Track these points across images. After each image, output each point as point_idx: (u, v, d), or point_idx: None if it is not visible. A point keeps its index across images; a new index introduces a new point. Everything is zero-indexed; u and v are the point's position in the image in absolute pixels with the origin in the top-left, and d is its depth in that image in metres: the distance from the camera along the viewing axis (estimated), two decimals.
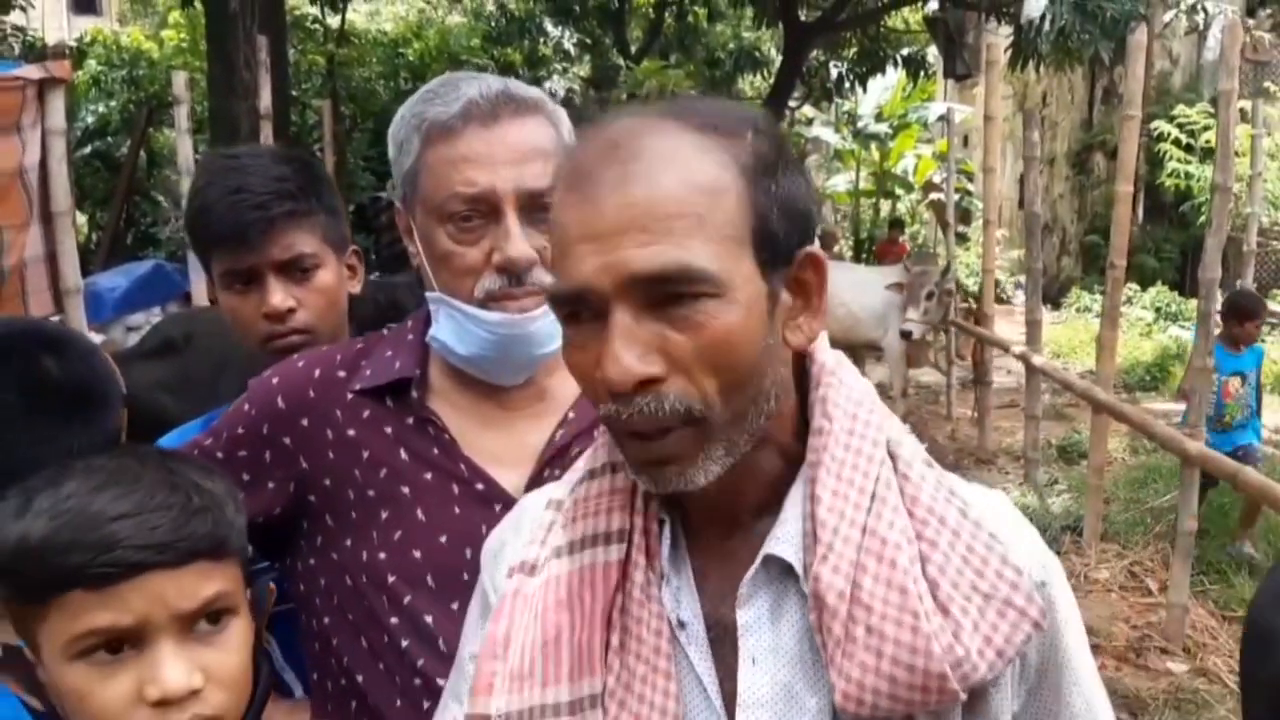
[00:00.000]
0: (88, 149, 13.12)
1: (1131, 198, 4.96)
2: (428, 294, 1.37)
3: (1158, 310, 13.22)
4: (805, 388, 0.94)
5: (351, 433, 1.37)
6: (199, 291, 4.91)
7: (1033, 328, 6.78)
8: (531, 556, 0.99)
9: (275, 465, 1.39)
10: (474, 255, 1.30)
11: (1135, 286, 13.49)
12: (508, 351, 1.33)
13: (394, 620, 1.32)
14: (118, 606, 1.01)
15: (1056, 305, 14.66)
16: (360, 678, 1.35)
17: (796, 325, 0.90)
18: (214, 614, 1.07)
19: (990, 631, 0.85)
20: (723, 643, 0.90)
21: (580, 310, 0.86)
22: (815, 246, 0.90)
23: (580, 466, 1.03)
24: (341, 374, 1.39)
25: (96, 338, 3.63)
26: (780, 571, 0.89)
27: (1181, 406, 6.37)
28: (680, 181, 0.83)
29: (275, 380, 1.41)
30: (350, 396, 1.37)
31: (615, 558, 0.94)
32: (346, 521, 1.36)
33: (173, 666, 1.03)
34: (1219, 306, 5.25)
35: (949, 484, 0.93)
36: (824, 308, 0.92)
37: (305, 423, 1.38)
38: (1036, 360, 6.67)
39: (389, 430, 1.36)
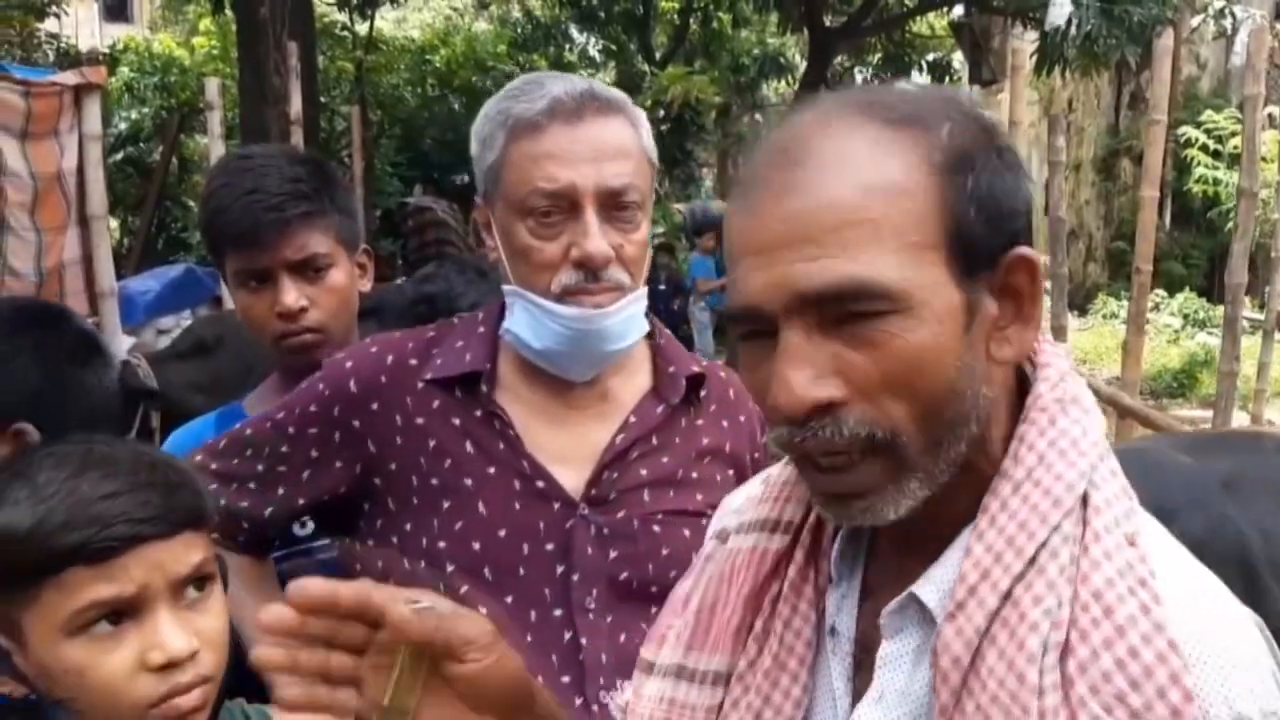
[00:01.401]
0: (120, 155, 13.28)
1: (1157, 203, 4.95)
2: (504, 287, 1.41)
3: (1185, 317, 13.12)
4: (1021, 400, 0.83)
5: (420, 421, 1.40)
6: (229, 295, 4.97)
7: (1058, 334, 6.75)
8: (729, 525, 0.98)
9: (343, 446, 1.43)
10: (552, 250, 1.33)
11: (1163, 293, 13.39)
12: (580, 346, 1.36)
13: None
14: (119, 578, 1.06)
15: (1083, 312, 14.56)
16: None
17: (1004, 337, 0.79)
18: (199, 580, 1.13)
19: None
20: (863, 666, 0.85)
21: (754, 329, 0.78)
22: (1027, 248, 0.79)
23: None
24: (413, 362, 1.43)
25: (127, 340, 3.70)
26: (929, 615, 0.81)
27: (1209, 414, 6.33)
28: (852, 185, 0.75)
29: (349, 364, 1.45)
30: (421, 385, 1.41)
31: (775, 546, 0.90)
32: (409, 507, 1.40)
33: (174, 631, 1.08)
34: (1246, 312, 5.21)
35: (1145, 570, 0.76)
36: (1038, 316, 0.81)
37: (375, 407, 1.42)
38: None
39: (456, 422, 1.40)
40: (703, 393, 1.48)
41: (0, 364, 1.52)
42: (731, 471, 1.48)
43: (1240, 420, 6.65)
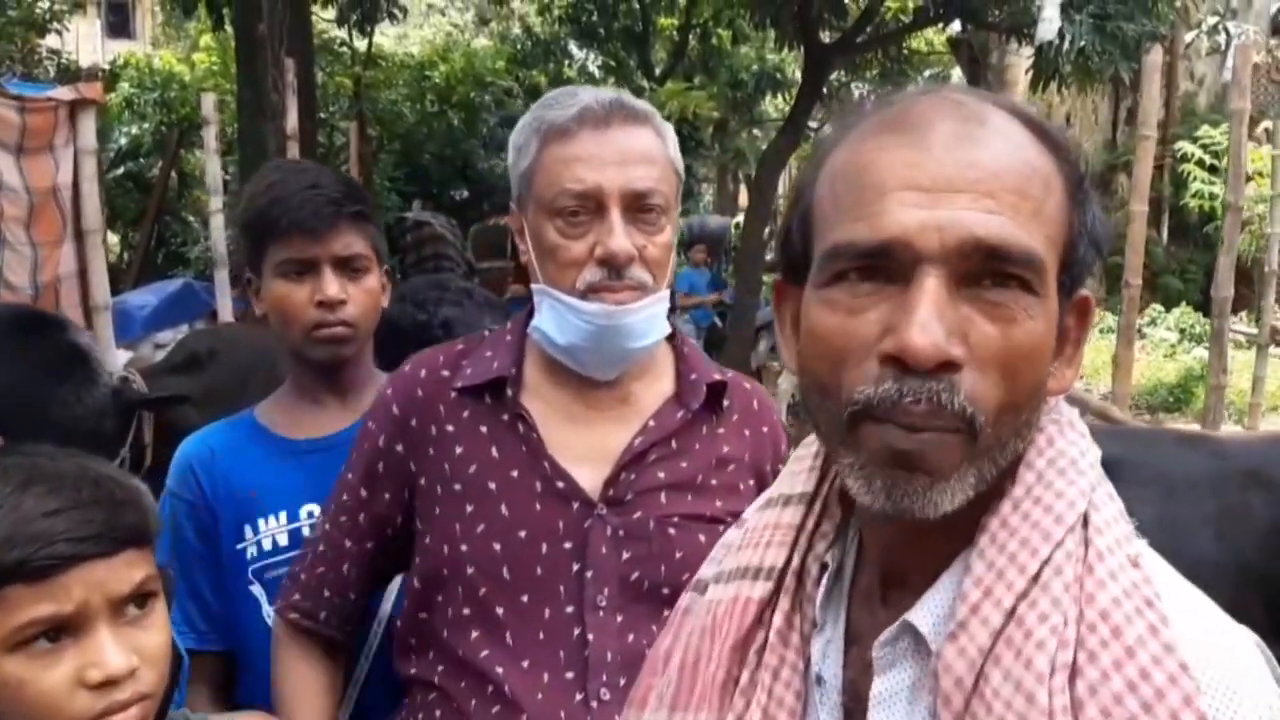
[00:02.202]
0: (120, 170, 13.32)
1: (1146, 217, 4.98)
2: (533, 285, 1.47)
3: (1182, 331, 13.13)
4: None
5: (450, 429, 1.46)
6: (225, 310, 5.00)
7: None
8: (706, 575, 0.96)
9: (388, 475, 1.49)
10: (578, 249, 1.39)
11: (1159, 308, 13.42)
12: (602, 342, 1.41)
13: (465, 611, 1.40)
14: (59, 597, 1.07)
15: None
16: (440, 668, 1.42)
17: (1054, 369, 0.78)
18: (141, 598, 1.14)
19: None
20: (854, 713, 0.81)
21: (863, 268, 0.74)
22: (1088, 293, 0.79)
23: (766, 494, 0.96)
24: (445, 373, 1.49)
25: (125, 355, 3.73)
26: (926, 646, 0.78)
27: (1200, 428, 6.35)
28: (1026, 162, 0.74)
29: (389, 391, 1.52)
30: (453, 395, 1.47)
31: (758, 595, 0.87)
32: (430, 517, 1.45)
33: (113, 649, 1.09)
34: (1241, 326, 5.24)
35: (1151, 591, 0.74)
36: (1080, 361, 0.81)
37: (414, 423, 1.48)
38: None
39: (484, 429, 1.45)
40: (725, 402, 1.52)
41: None
42: (753, 481, 1.51)
43: (1233, 433, 6.66)
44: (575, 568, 1.39)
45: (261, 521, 1.74)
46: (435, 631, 1.42)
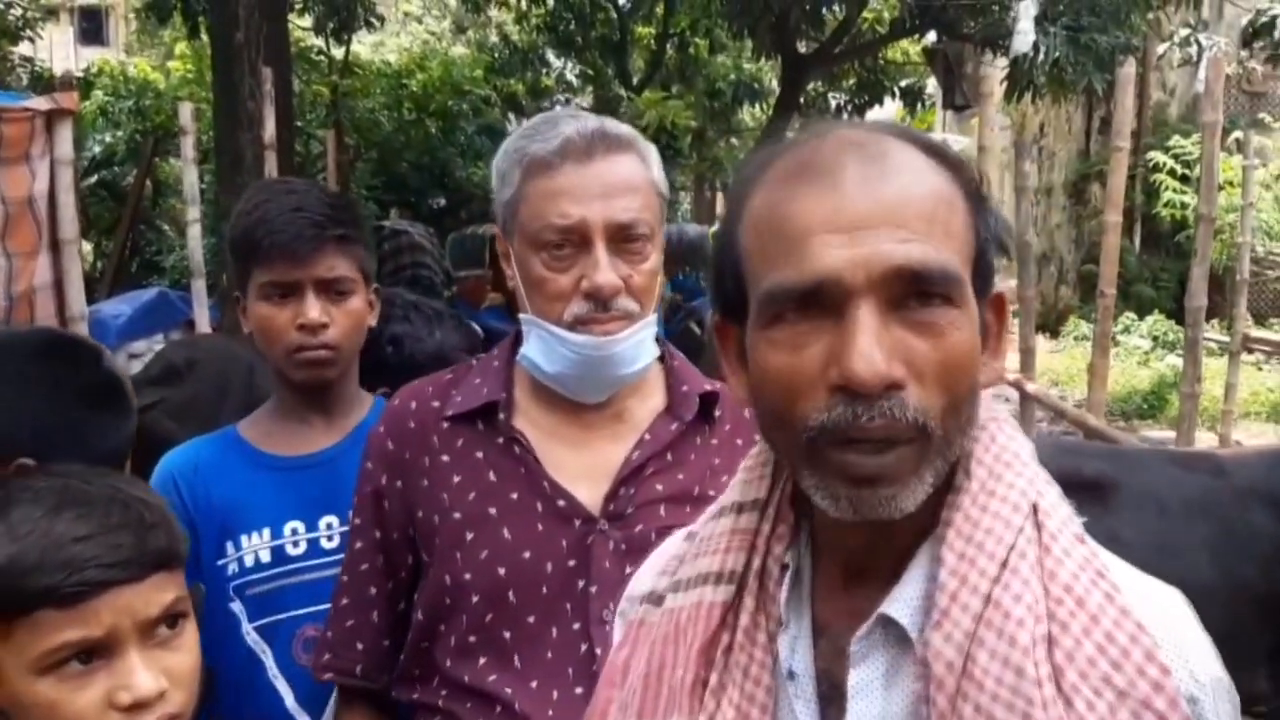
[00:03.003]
0: (94, 178, 13.21)
1: (1120, 226, 5.04)
2: (521, 315, 1.47)
3: (1155, 339, 13.27)
4: None
5: (445, 458, 1.46)
6: (201, 319, 4.97)
7: (1026, 356, 6.83)
8: (660, 587, 0.98)
9: (394, 513, 1.48)
10: (564, 282, 1.40)
11: (1133, 315, 13.54)
12: (591, 371, 1.43)
13: (471, 639, 1.40)
14: (89, 622, 1.08)
15: (1055, 334, 14.71)
16: (445, 692, 1.42)
17: (983, 364, 0.85)
18: (170, 619, 1.15)
19: None
20: (831, 701, 0.86)
21: (799, 307, 0.80)
22: (1000, 288, 0.88)
23: (719, 502, 1.00)
24: (435, 404, 1.49)
25: None
26: (898, 635, 0.83)
27: (1174, 435, 6.41)
28: (927, 187, 0.81)
29: (382, 427, 1.52)
30: (445, 425, 1.47)
31: (721, 599, 0.91)
32: (431, 548, 1.45)
33: (142, 672, 1.10)
34: (1214, 334, 5.30)
35: (1100, 563, 0.83)
36: (1005, 351, 0.89)
37: (408, 455, 1.47)
38: (1030, 387, 6.72)
39: (480, 454, 1.45)
40: (717, 412, 1.53)
41: (14, 397, 1.54)
42: None
43: (1207, 440, 6.74)
44: (580, 584, 1.39)
45: (244, 538, 1.73)
46: (439, 661, 1.42)
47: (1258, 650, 2.53)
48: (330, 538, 1.74)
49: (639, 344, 1.44)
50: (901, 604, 0.83)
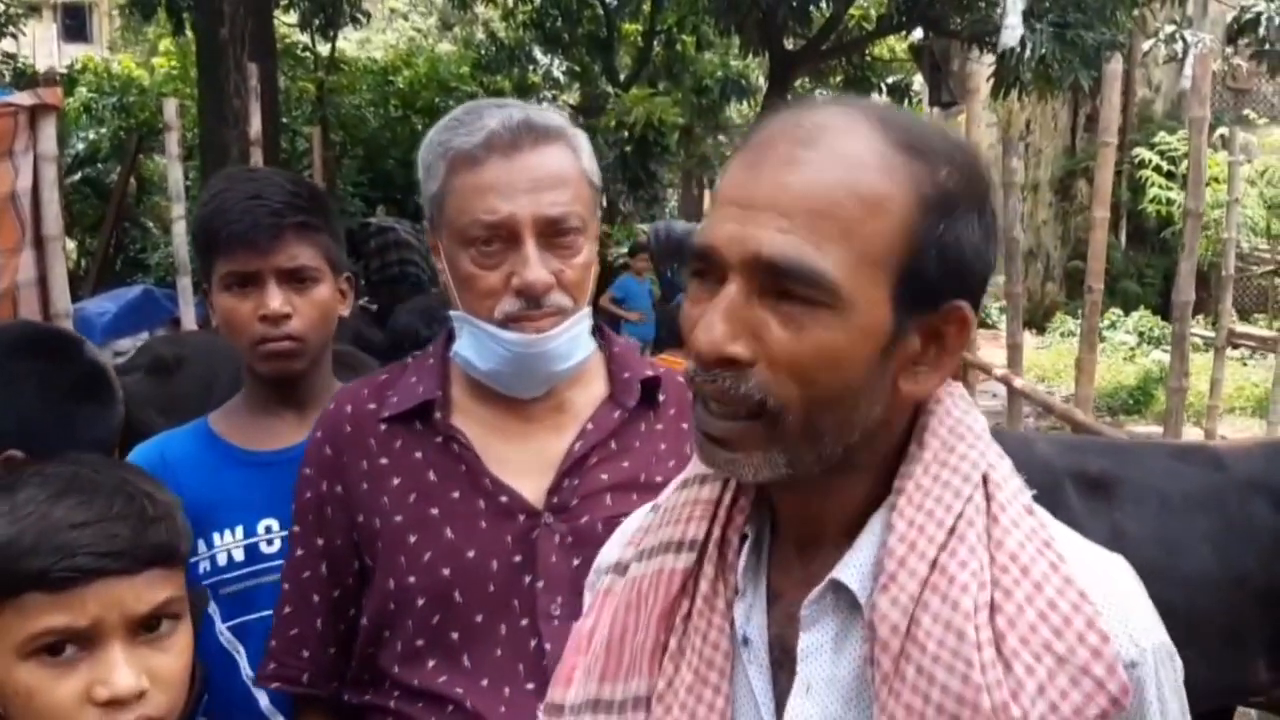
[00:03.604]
0: (78, 175, 13.15)
1: (1108, 223, 5.05)
2: (452, 312, 1.44)
3: (1140, 334, 13.32)
4: (914, 418, 0.89)
5: (384, 461, 1.42)
6: (188, 317, 4.94)
7: (1014, 351, 6.85)
8: (625, 557, 0.99)
9: (336, 519, 1.44)
10: (494, 279, 1.36)
11: (1119, 311, 13.60)
12: (525, 368, 1.39)
13: (419, 643, 1.37)
14: (75, 609, 1.06)
15: (1041, 330, 14.76)
16: (396, 694, 1.39)
17: (914, 373, 0.85)
18: (161, 618, 1.12)
19: (1058, 698, 0.77)
20: (783, 666, 0.88)
21: (699, 269, 0.84)
22: (966, 305, 0.84)
23: (682, 475, 1.01)
24: (371, 406, 1.45)
25: None
26: (849, 600, 0.85)
27: (1160, 430, 6.44)
28: (844, 184, 0.79)
29: (319, 432, 1.48)
30: (382, 426, 1.43)
31: (681, 566, 0.92)
32: (374, 553, 1.41)
33: (123, 668, 1.08)
34: (1199, 329, 5.33)
35: (1047, 534, 0.85)
36: (951, 366, 0.87)
37: (346, 460, 1.44)
38: (1018, 383, 6.74)
39: (419, 455, 1.41)
40: (660, 397, 1.50)
41: (3, 390, 1.53)
42: None
43: (1193, 435, 6.77)
44: (527, 580, 1.37)
45: (216, 536, 1.68)
46: (387, 667, 1.39)
47: (1258, 642, 2.55)
48: None
49: (573, 339, 1.41)
50: (852, 569, 0.85)
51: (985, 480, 0.86)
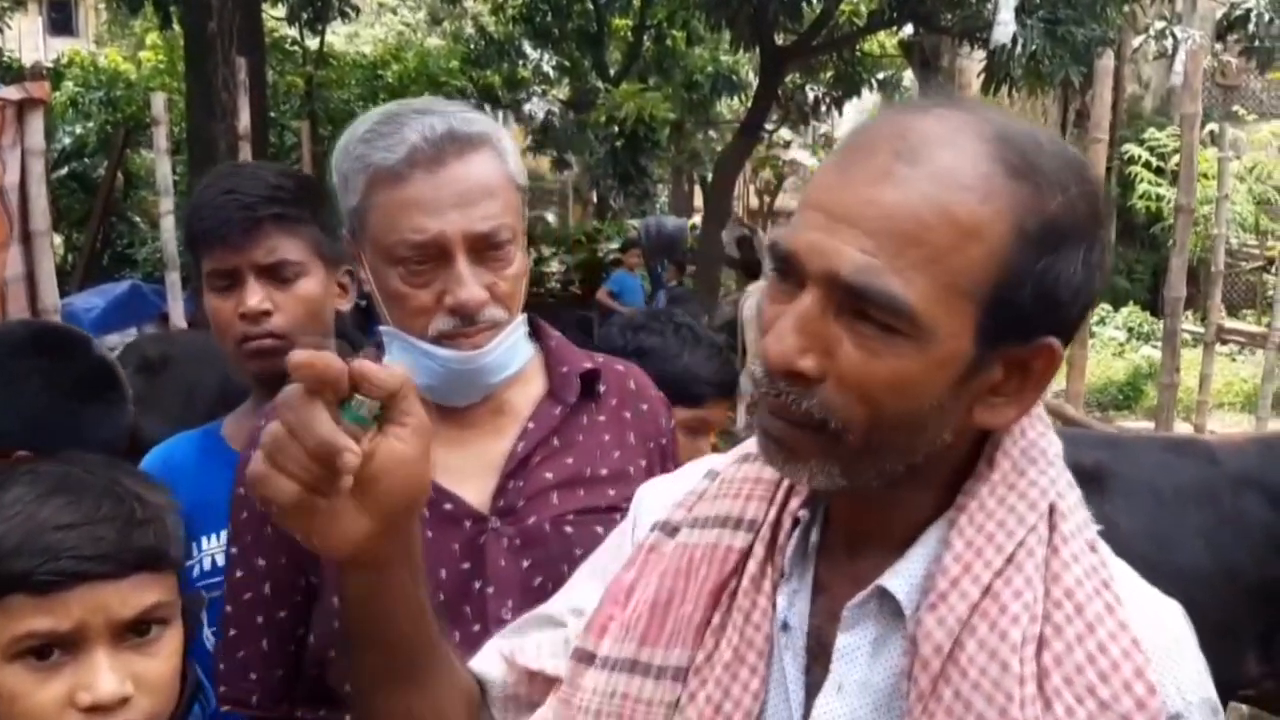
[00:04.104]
0: (64, 170, 13.06)
1: None
2: (380, 328, 1.39)
3: (1130, 330, 13.37)
4: (984, 433, 0.85)
5: None
6: (176, 313, 4.90)
7: None
8: (676, 519, 0.98)
9: (278, 537, 1.38)
10: (425, 297, 1.31)
11: (1108, 307, 13.63)
12: (462, 382, 1.36)
13: None
14: (58, 612, 1.04)
15: None
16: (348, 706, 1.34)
17: (991, 404, 0.81)
18: (148, 623, 1.10)
19: None
20: (818, 658, 0.87)
21: (780, 268, 0.81)
22: (1058, 342, 0.80)
23: (744, 445, 0.99)
24: None
25: None
26: (893, 608, 0.84)
27: (1153, 425, 6.45)
28: (938, 207, 0.74)
29: (253, 450, 1.42)
30: None
31: (739, 544, 0.91)
32: (318, 570, 1.37)
33: (106, 674, 1.06)
34: (1187, 325, 5.34)
35: (1107, 573, 0.83)
36: (1033, 400, 0.83)
37: None
38: None
39: None
40: (601, 388, 1.47)
41: (8, 390, 1.51)
42: (643, 461, 1.47)
43: (1183, 430, 6.78)
44: (477, 585, 1.34)
45: (204, 539, 1.66)
46: (336, 686, 1.36)
47: (1249, 635, 2.56)
48: None
49: (510, 349, 1.37)
50: (901, 579, 0.83)
51: (1051, 510, 0.83)
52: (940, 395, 0.78)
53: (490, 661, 1.06)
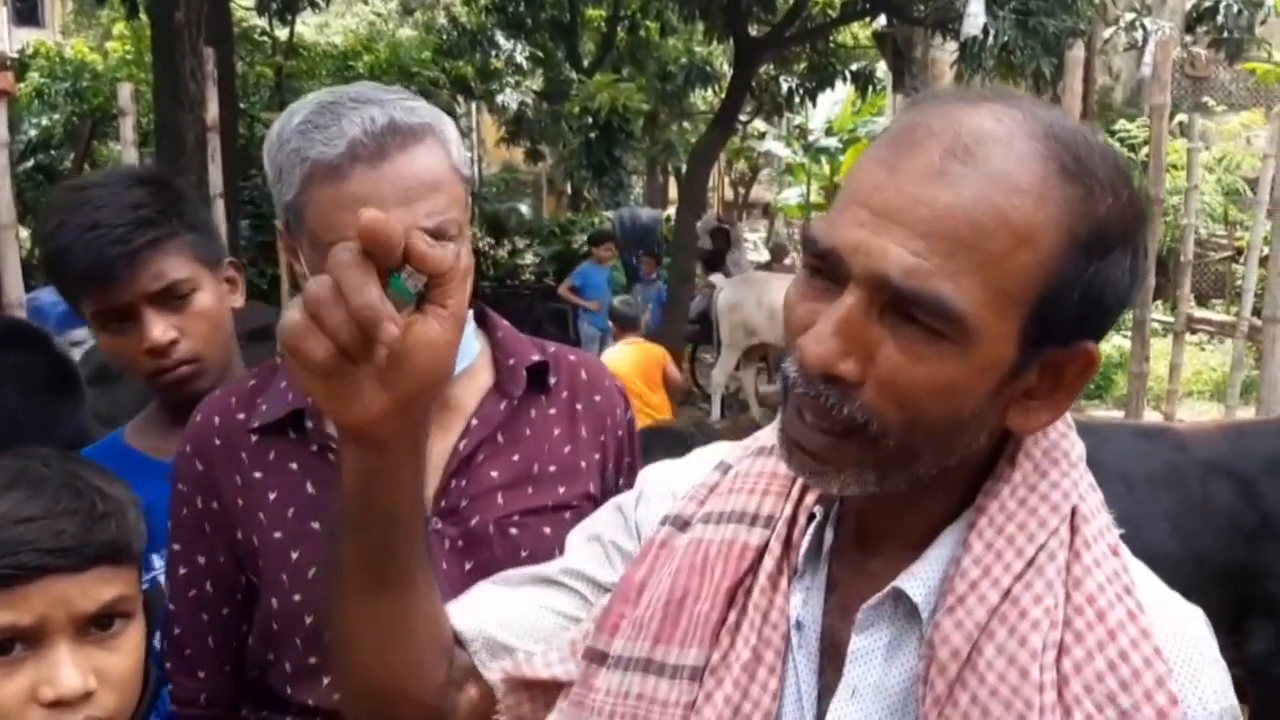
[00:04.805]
0: (30, 162, 12.87)
1: None
2: None
3: None
4: (1006, 432, 0.84)
5: (258, 475, 1.34)
6: None
7: None
8: (687, 513, 0.96)
9: (215, 535, 1.36)
10: None
11: None
12: None
13: (311, 660, 1.31)
14: (19, 606, 1.03)
15: None
16: (292, 709, 1.33)
17: (1026, 408, 0.80)
18: (110, 617, 1.09)
19: None
20: (830, 658, 0.86)
21: (818, 263, 0.77)
22: (1095, 348, 0.79)
23: (758, 438, 0.98)
24: (241, 416, 1.36)
25: None
26: (908, 609, 0.83)
27: (1123, 414, 6.51)
28: (995, 211, 0.72)
29: (187, 446, 1.38)
30: (254, 438, 1.34)
31: (755, 541, 0.90)
32: (257, 570, 1.34)
33: (69, 669, 1.05)
34: (1157, 315, 5.38)
35: (1129, 579, 0.82)
36: (1067, 405, 0.82)
37: (218, 473, 1.35)
38: None
39: (294, 465, 1.34)
40: (551, 380, 1.43)
41: None
42: (596, 455, 1.43)
43: (1153, 419, 6.84)
44: None
45: (154, 557, 1.57)
46: (279, 688, 1.33)
47: (1217, 620, 2.59)
48: None
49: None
50: (918, 581, 0.82)
51: (1073, 513, 0.82)
52: (980, 400, 0.76)
53: (470, 614, 1.01)
